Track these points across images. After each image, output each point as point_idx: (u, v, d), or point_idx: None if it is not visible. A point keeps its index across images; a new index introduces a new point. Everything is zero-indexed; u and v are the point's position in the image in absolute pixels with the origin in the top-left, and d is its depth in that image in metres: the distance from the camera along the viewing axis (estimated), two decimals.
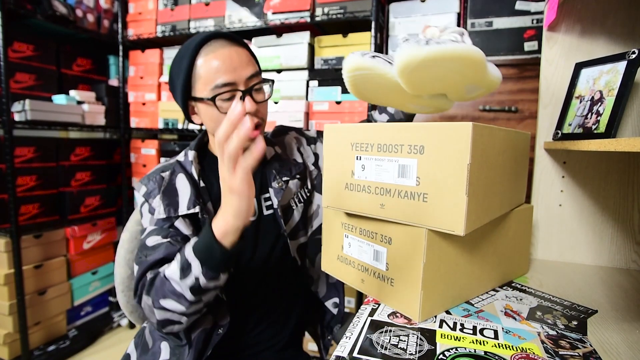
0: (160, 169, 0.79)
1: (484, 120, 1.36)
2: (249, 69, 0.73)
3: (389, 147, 0.55)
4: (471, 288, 0.64)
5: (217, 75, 0.70)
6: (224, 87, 0.70)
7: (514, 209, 0.71)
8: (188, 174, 0.77)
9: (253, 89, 0.74)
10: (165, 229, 0.72)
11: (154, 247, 0.70)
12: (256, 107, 0.73)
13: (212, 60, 0.70)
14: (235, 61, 0.71)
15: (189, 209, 0.73)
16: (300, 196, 0.87)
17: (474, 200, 0.50)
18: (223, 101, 0.71)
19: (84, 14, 1.82)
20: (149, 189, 0.76)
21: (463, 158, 0.48)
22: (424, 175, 0.52)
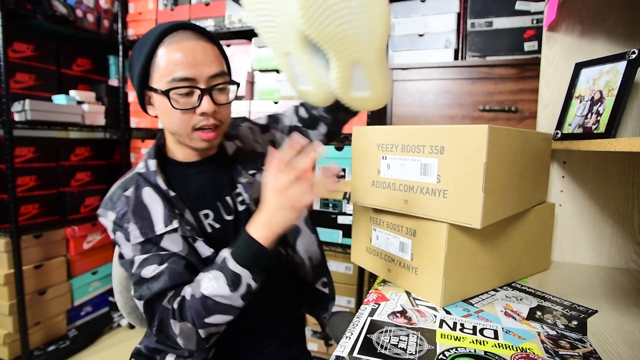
0: (121, 187, 0.72)
1: (484, 120, 1.36)
2: (214, 67, 0.67)
3: (412, 147, 0.60)
4: (490, 279, 0.68)
5: (176, 68, 0.65)
6: (182, 81, 0.65)
7: (534, 206, 0.75)
8: (154, 186, 0.71)
9: (214, 89, 0.68)
10: (156, 254, 0.67)
11: (154, 277, 0.65)
12: (214, 108, 0.68)
13: (173, 52, 0.65)
14: (199, 56, 0.66)
15: (167, 226, 0.68)
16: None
17: (491, 197, 0.54)
18: (179, 96, 0.66)
19: (84, 14, 1.82)
20: (119, 213, 0.69)
21: (480, 157, 0.52)
22: (444, 173, 0.57)
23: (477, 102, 1.36)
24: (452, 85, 1.39)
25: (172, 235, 0.68)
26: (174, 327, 0.64)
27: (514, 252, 0.72)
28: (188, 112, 0.67)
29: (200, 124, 0.68)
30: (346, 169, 1.55)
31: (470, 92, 1.37)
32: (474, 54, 1.38)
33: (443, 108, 1.41)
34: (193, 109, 0.67)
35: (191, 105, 0.67)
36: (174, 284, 0.65)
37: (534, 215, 0.75)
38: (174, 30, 0.67)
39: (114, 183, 0.75)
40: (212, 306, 0.61)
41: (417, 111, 1.45)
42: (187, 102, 0.67)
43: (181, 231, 0.68)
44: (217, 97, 0.69)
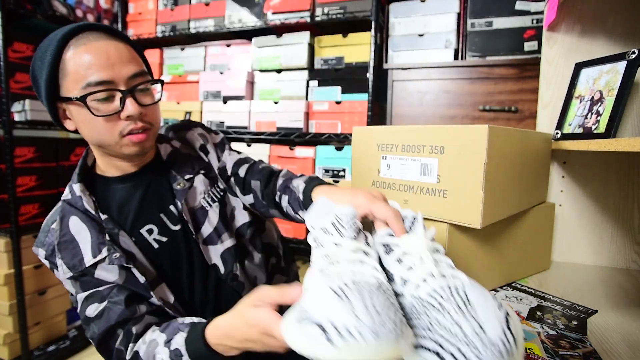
0: (49, 220, 0.67)
1: (484, 120, 1.36)
2: (131, 67, 0.61)
3: (412, 147, 0.60)
4: (490, 279, 0.68)
5: (89, 71, 0.58)
6: (98, 85, 0.58)
7: (534, 207, 0.75)
8: (82, 212, 0.65)
9: (136, 90, 0.62)
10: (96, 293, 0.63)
11: (97, 316, 0.62)
12: (140, 110, 0.62)
13: (83, 54, 0.58)
14: (113, 57, 0.60)
15: (95, 257, 0.62)
16: (213, 195, 0.76)
17: (491, 197, 0.54)
18: (98, 102, 0.59)
19: (84, 14, 1.82)
20: (48, 249, 0.65)
21: (480, 157, 0.52)
22: (444, 173, 0.57)
23: (477, 102, 1.36)
24: (452, 85, 1.39)
25: (104, 264, 0.63)
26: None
27: (514, 252, 0.72)
28: (112, 119, 0.61)
29: (127, 129, 0.62)
30: (346, 169, 1.56)
31: (470, 92, 1.37)
32: (474, 54, 1.38)
33: (443, 108, 1.41)
34: (117, 114, 0.60)
35: (113, 110, 0.60)
36: (117, 322, 0.61)
37: (534, 215, 0.75)
38: (79, 32, 0.60)
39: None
40: None
41: (417, 111, 1.45)
42: (108, 108, 0.60)
43: (108, 260, 0.63)
44: (141, 99, 0.63)
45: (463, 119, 1.39)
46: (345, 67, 1.55)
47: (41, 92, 0.62)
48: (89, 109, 0.59)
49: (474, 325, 0.34)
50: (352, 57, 1.54)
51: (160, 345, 0.58)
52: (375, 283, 0.38)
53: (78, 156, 1.88)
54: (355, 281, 0.37)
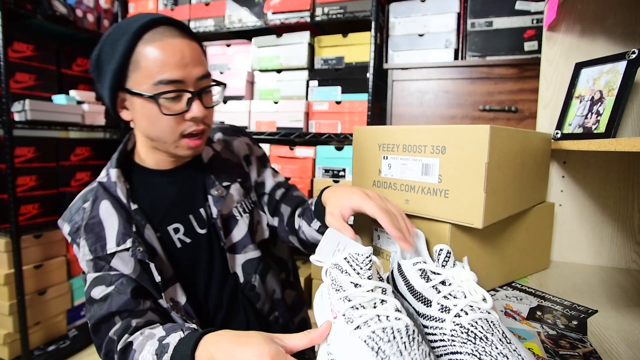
0: (81, 198, 0.68)
1: (483, 120, 1.36)
2: (201, 68, 0.62)
3: (414, 147, 0.60)
4: (491, 278, 0.68)
5: (163, 69, 0.58)
6: (170, 84, 0.58)
7: (534, 206, 0.75)
8: (113, 198, 0.65)
9: (204, 92, 0.63)
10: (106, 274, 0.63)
11: (101, 299, 0.62)
12: (205, 113, 0.63)
13: (158, 50, 0.58)
14: (187, 57, 0.59)
15: (119, 245, 0.62)
16: (245, 206, 0.76)
17: (492, 196, 0.54)
18: (167, 100, 0.59)
19: (84, 14, 1.82)
20: (74, 227, 0.65)
21: (481, 157, 0.52)
22: (445, 173, 0.56)
23: (477, 102, 1.36)
24: (452, 85, 1.39)
25: (123, 255, 0.63)
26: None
27: (515, 251, 0.72)
28: (176, 118, 0.61)
29: (189, 130, 0.63)
30: (346, 169, 1.56)
31: (470, 92, 1.37)
32: (474, 54, 1.38)
33: (443, 108, 1.41)
34: (182, 114, 0.61)
35: (180, 110, 0.61)
36: (117, 310, 0.61)
37: (534, 214, 0.75)
38: (155, 26, 0.59)
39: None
40: None
41: (417, 111, 1.45)
42: (175, 107, 0.61)
43: (131, 252, 0.63)
44: (206, 101, 0.64)
45: (463, 119, 1.39)
46: (345, 67, 1.55)
47: (105, 79, 0.61)
48: (159, 107, 0.59)
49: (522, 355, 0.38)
50: (352, 57, 1.54)
51: (155, 338, 0.57)
52: (404, 327, 0.39)
53: (78, 156, 1.88)
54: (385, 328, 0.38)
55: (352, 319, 0.40)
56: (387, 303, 0.42)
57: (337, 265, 0.46)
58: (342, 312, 0.41)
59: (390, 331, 0.38)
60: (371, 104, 1.46)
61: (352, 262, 0.45)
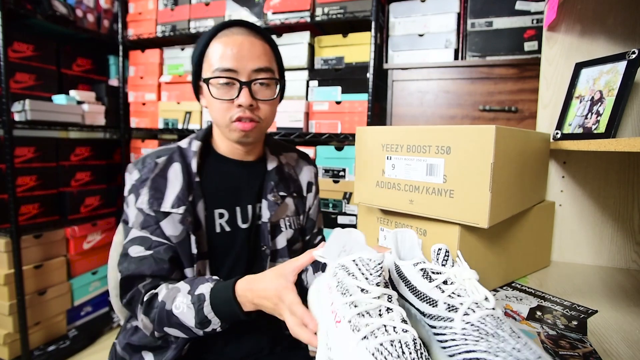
0: (156, 153, 0.74)
1: (483, 120, 1.36)
2: (258, 62, 0.69)
3: (418, 147, 0.60)
4: (496, 277, 0.69)
5: (221, 59, 0.68)
6: (223, 72, 0.67)
7: (535, 205, 0.76)
8: (185, 164, 0.73)
9: (255, 82, 0.69)
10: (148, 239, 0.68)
11: (137, 259, 0.67)
12: (251, 102, 0.68)
13: (221, 45, 0.68)
14: (245, 50, 0.68)
15: (173, 208, 0.69)
16: (293, 222, 0.82)
17: (497, 196, 0.55)
18: (220, 85, 0.68)
19: (84, 14, 1.82)
20: (142, 176, 0.71)
21: (487, 158, 0.52)
22: (450, 173, 0.57)
23: (477, 102, 1.36)
24: (452, 85, 1.39)
25: (175, 218, 0.69)
26: (138, 314, 0.67)
27: (518, 250, 0.72)
28: (227, 103, 0.69)
29: (236, 115, 0.69)
30: (346, 169, 1.56)
31: (470, 92, 1.37)
32: (474, 54, 1.38)
33: (443, 108, 1.41)
34: (231, 100, 0.68)
35: (230, 96, 0.68)
36: (152, 273, 0.67)
37: (536, 213, 0.75)
38: (229, 27, 0.70)
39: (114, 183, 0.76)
40: (174, 323, 0.63)
41: (417, 111, 1.45)
42: (226, 93, 0.69)
43: (181, 220, 0.69)
44: (258, 92, 0.70)
45: (463, 119, 1.39)
46: (345, 67, 1.55)
47: (192, 71, 0.74)
48: (209, 91, 0.69)
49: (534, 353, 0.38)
50: (352, 57, 1.54)
51: (182, 292, 0.63)
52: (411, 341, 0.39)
53: (78, 156, 1.88)
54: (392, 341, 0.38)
55: (359, 327, 0.39)
56: (393, 312, 0.41)
57: (345, 267, 0.45)
58: (348, 318, 0.41)
59: (398, 345, 0.38)
60: (371, 104, 1.46)
61: (362, 266, 0.44)
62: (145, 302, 0.66)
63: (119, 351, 0.77)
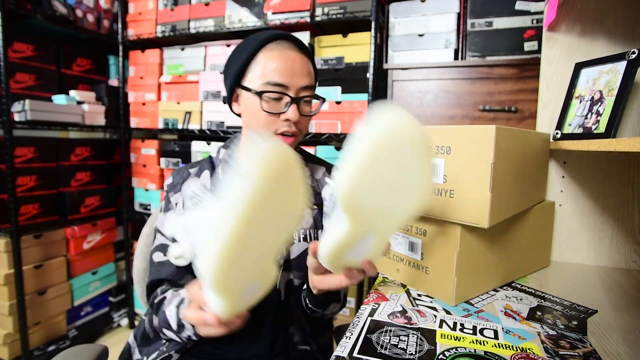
0: (192, 164, 0.81)
1: (483, 120, 1.36)
2: (306, 80, 0.72)
3: None
4: (496, 277, 0.69)
5: (274, 72, 0.70)
6: (276, 86, 0.70)
7: (535, 205, 0.76)
8: (214, 172, 0.78)
9: (302, 99, 0.73)
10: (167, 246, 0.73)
11: (157, 264, 0.73)
12: (298, 117, 0.72)
13: (274, 58, 0.70)
14: (297, 67, 0.71)
15: None
16: (309, 235, 0.79)
17: (497, 196, 0.54)
18: (270, 99, 0.71)
19: (84, 14, 1.82)
20: (174, 182, 0.77)
21: (487, 157, 0.52)
22: (450, 174, 0.57)
23: (477, 102, 1.36)
24: (452, 85, 1.39)
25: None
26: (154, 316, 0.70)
27: (519, 250, 0.72)
28: (273, 116, 0.71)
29: (281, 129, 0.72)
30: None
31: (470, 92, 1.37)
32: (474, 54, 1.38)
33: (443, 108, 1.41)
34: (279, 113, 0.71)
35: (278, 110, 0.71)
36: (167, 277, 0.71)
37: (536, 213, 0.75)
38: (278, 39, 0.72)
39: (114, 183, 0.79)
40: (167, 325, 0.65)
41: (417, 111, 1.45)
42: (275, 107, 0.71)
43: None
44: (302, 108, 0.73)
45: (463, 119, 1.39)
46: (345, 67, 1.55)
47: (229, 77, 0.75)
48: (260, 102, 0.70)
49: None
50: (352, 57, 1.54)
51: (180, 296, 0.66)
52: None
53: (78, 156, 1.88)
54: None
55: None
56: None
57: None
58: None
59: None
60: (371, 104, 1.46)
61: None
62: (156, 304, 0.69)
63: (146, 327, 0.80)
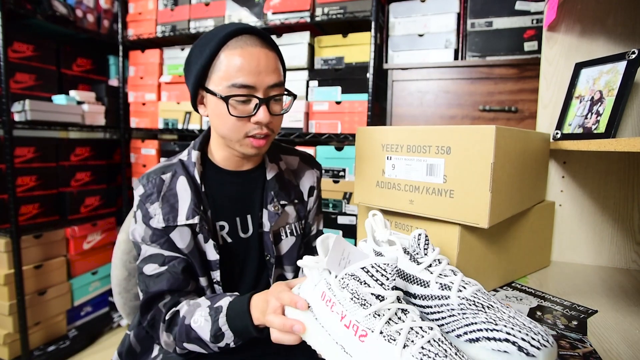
0: (161, 169, 0.74)
1: (483, 120, 1.36)
2: (274, 77, 0.66)
3: (418, 148, 0.60)
4: (497, 278, 0.69)
5: (238, 73, 0.64)
6: (242, 88, 0.64)
7: (535, 205, 0.76)
8: (189, 176, 0.73)
9: (272, 100, 0.67)
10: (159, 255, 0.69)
11: (154, 277, 0.68)
12: (270, 119, 0.67)
13: (237, 56, 0.64)
14: (262, 64, 0.65)
15: (188, 219, 0.69)
16: (295, 228, 0.82)
17: (497, 196, 0.55)
18: (236, 103, 0.65)
19: (84, 14, 1.82)
20: (147, 191, 0.71)
21: (487, 158, 0.52)
22: (450, 174, 0.57)
23: (477, 102, 1.36)
24: (452, 85, 1.39)
25: (184, 229, 0.70)
26: (160, 333, 0.67)
27: (518, 250, 0.72)
28: (243, 120, 0.66)
29: (252, 132, 0.67)
30: (346, 169, 1.56)
31: (470, 92, 1.37)
32: (474, 54, 1.38)
33: (443, 108, 1.41)
34: (248, 117, 0.66)
35: (247, 113, 0.66)
36: (170, 288, 0.67)
37: (536, 213, 0.75)
38: (240, 34, 0.65)
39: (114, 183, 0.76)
40: (193, 338, 0.64)
41: (417, 111, 1.45)
42: (243, 110, 0.66)
43: (199, 228, 0.70)
44: (273, 107, 0.68)
45: (463, 119, 1.39)
46: (345, 67, 1.55)
47: (190, 77, 0.69)
48: (227, 107, 0.65)
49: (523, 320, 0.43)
50: (352, 57, 1.54)
51: (202, 306, 0.64)
52: (439, 334, 0.40)
53: (78, 156, 1.88)
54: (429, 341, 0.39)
55: (393, 336, 0.39)
56: (409, 312, 0.42)
57: (355, 276, 0.43)
58: (379, 330, 0.40)
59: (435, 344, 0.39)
60: (371, 104, 1.46)
61: (376, 272, 0.43)
62: (167, 320, 0.66)
63: (132, 342, 0.79)
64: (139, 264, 0.70)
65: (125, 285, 0.87)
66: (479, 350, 0.42)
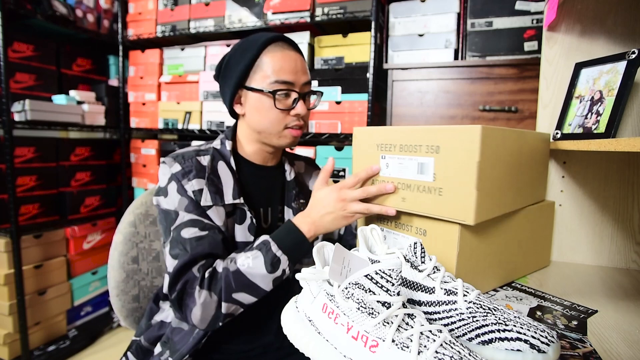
0: (194, 152, 0.78)
1: (483, 120, 1.36)
2: (306, 76, 0.79)
3: (410, 147, 0.62)
4: (496, 277, 0.69)
5: (281, 72, 0.74)
6: (285, 84, 0.74)
7: (535, 205, 0.76)
8: (227, 163, 0.79)
9: (307, 95, 0.80)
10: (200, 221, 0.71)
11: (194, 239, 0.69)
12: (306, 112, 0.78)
13: (279, 59, 0.75)
14: (299, 65, 0.77)
15: (235, 199, 0.76)
16: None
17: (484, 194, 0.55)
18: (279, 96, 0.75)
19: (84, 14, 1.82)
20: (185, 169, 0.74)
21: (473, 156, 0.53)
22: (439, 172, 0.58)
23: (477, 102, 1.36)
24: (452, 85, 1.39)
25: (219, 209, 0.74)
26: (197, 296, 0.65)
27: (518, 250, 0.73)
28: (283, 112, 0.76)
29: (291, 124, 0.77)
30: (346, 169, 1.56)
31: (470, 92, 1.37)
32: (474, 54, 1.38)
33: (443, 108, 1.41)
34: (289, 109, 0.76)
35: (288, 106, 0.76)
36: (211, 252, 0.69)
37: (535, 213, 0.75)
38: (276, 41, 0.76)
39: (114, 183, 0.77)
40: (243, 282, 0.66)
41: (417, 111, 1.45)
42: (285, 103, 0.76)
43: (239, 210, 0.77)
44: (306, 103, 0.80)
45: (463, 119, 1.39)
46: (345, 67, 1.55)
47: (231, 79, 0.77)
48: (274, 101, 0.74)
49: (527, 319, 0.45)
50: (352, 57, 1.54)
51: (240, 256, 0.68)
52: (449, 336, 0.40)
53: (78, 156, 1.88)
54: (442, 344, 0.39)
55: (406, 343, 0.38)
56: (416, 317, 0.41)
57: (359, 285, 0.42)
58: (391, 339, 0.39)
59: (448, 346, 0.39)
60: (371, 104, 1.46)
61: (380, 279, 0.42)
62: (207, 279, 0.66)
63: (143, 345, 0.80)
64: (174, 230, 0.70)
65: (124, 287, 0.87)
66: (493, 352, 0.42)
